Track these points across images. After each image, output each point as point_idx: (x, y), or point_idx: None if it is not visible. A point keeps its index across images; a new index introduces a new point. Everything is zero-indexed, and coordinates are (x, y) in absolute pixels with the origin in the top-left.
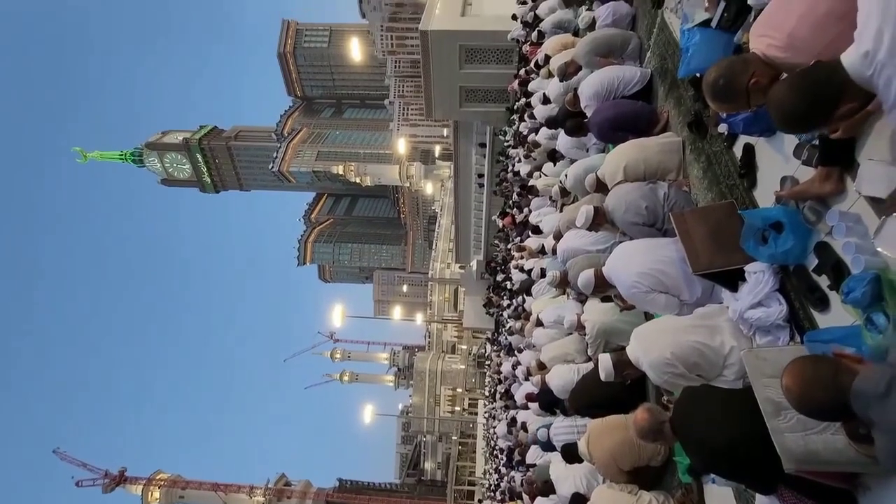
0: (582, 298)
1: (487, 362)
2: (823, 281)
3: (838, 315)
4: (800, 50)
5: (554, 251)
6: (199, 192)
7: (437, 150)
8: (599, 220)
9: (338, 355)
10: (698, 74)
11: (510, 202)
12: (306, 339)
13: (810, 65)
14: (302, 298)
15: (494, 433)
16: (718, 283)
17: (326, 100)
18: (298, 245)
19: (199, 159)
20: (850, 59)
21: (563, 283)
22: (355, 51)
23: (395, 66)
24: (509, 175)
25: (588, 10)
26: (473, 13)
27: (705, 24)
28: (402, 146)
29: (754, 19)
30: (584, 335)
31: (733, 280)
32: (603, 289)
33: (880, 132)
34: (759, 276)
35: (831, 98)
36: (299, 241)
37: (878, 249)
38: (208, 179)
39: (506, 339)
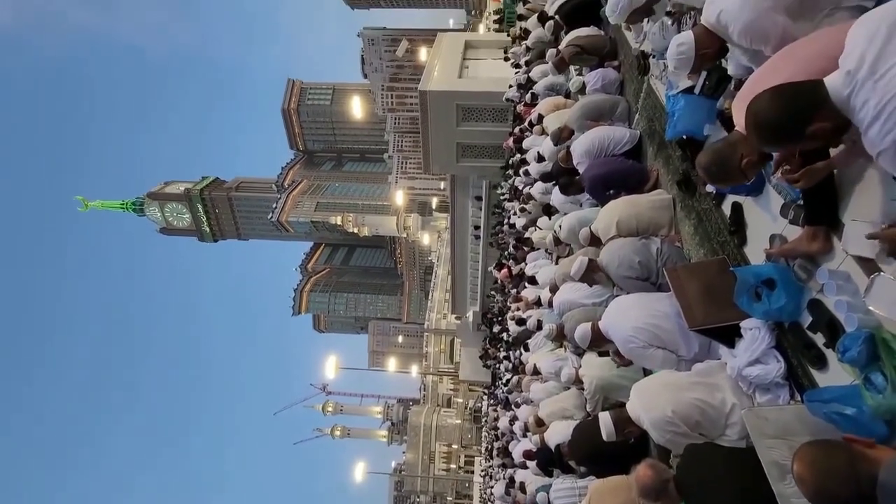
0: (579, 352)
1: (484, 417)
2: (819, 338)
3: (836, 373)
4: None
5: (550, 304)
6: (198, 240)
7: (435, 202)
8: (593, 270)
9: (330, 408)
10: (685, 136)
11: (506, 254)
12: (298, 390)
13: (783, 83)
14: (295, 349)
15: (491, 493)
16: (715, 339)
17: (327, 153)
18: (294, 294)
19: (200, 209)
20: (831, 78)
21: (560, 337)
22: (356, 108)
23: (395, 123)
24: (505, 227)
25: (579, 74)
26: (470, 75)
27: (689, 90)
28: (399, 198)
29: (734, 87)
30: (583, 389)
31: (730, 336)
32: (600, 343)
33: (860, 192)
34: (754, 333)
35: (807, 111)
36: (295, 290)
37: (870, 308)
38: (207, 229)
39: (503, 392)
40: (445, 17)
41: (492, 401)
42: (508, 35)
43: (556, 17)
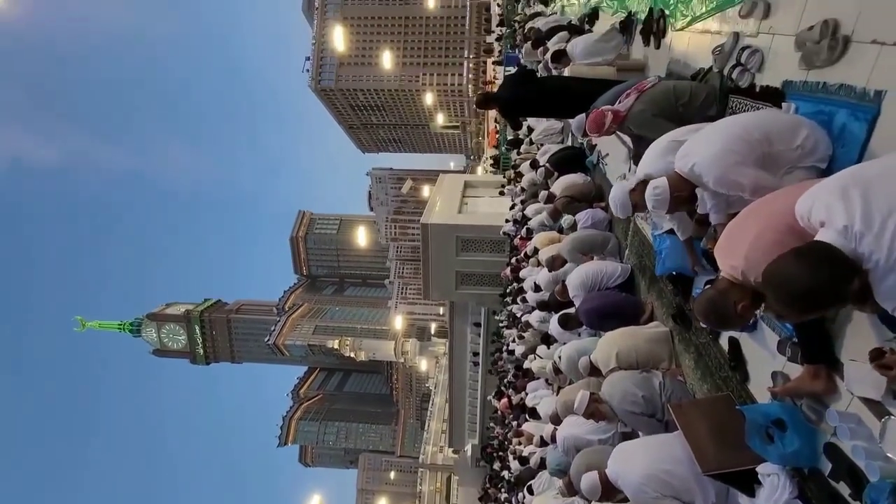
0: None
1: None
2: (843, 488)
3: None
4: (758, 270)
5: (553, 438)
6: (189, 363)
7: (433, 327)
8: (597, 402)
9: None
10: (674, 272)
11: (506, 382)
12: None
13: (811, 242)
14: (278, 485)
15: None
16: (732, 485)
17: (330, 278)
18: (283, 423)
19: (197, 331)
20: (829, 236)
21: (571, 491)
22: (361, 237)
23: (397, 251)
24: (504, 354)
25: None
26: (469, 210)
27: (672, 231)
28: (399, 322)
29: (714, 230)
30: None
31: (748, 482)
32: (610, 494)
33: (855, 331)
34: (773, 480)
35: (848, 268)
36: (284, 417)
37: (889, 455)
38: (201, 351)
39: None
40: (447, 160)
41: None
42: (504, 176)
43: (547, 164)
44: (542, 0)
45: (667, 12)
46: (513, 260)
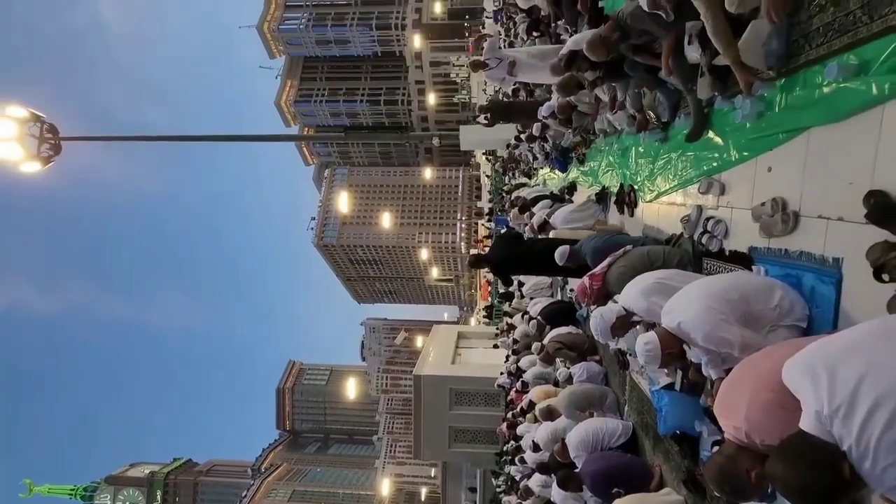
0: None
1: None
2: None
3: None
4: (761, 430)
5: None
6: None
7: (424, 492)
8: None
9: None
10: (678, 432)
11: None
12: None
13: (789, 437)
14: None
15: None
16: None
17: (314, 434)
18: None
19: (158, 496)
20: (806, 423)
21: None
22: (351, 389)
23: (388, 404)
24: None
25: (565, 366)
26: (463, 362)
27: (670, 386)
28: (385, 487)
29: (712, 386)
30: None
31: None
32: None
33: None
34: None
35: (830, 456)
36: None
37: None
38: None
39: None
40: (441, 311)
41: None
42: (497, 328)
43: (539, 318)
44: (526, 174)
45: (635, 187)
46: (509, 414)
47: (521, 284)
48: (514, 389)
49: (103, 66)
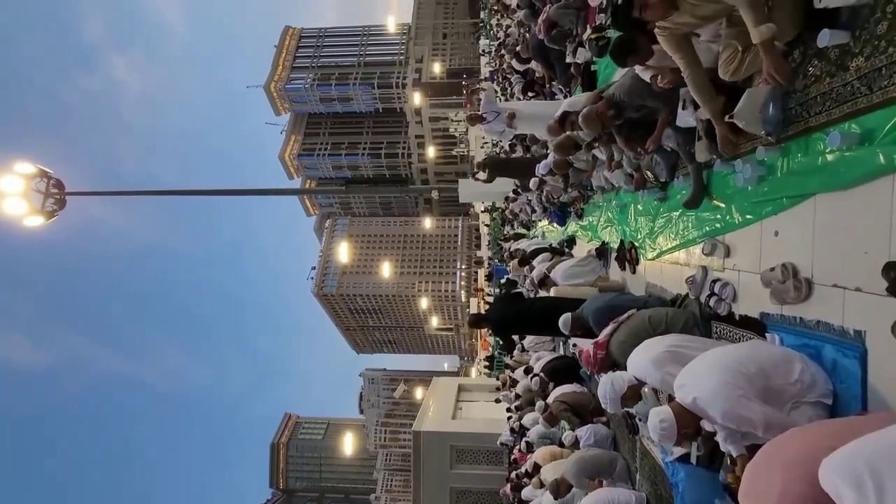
0: None
1: None
2: None
3: None
4: None
5: None
6: None
7: None
8: None
9: None
10: None
11: None
12: None
13: None
14: None
15: None
16: None
17: (308, 493)
18: None
19: None
20: None
21: None
22: (348, 444)
23: (386, 459)
24: None
25: (570, 429)
26: (464, 416)
27: (684, 457)
28: None
29: (731, 461)
30: None
31: None
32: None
33: None
34: None
35: None
36: None
37: None
38: None
39: None
40: (441, 361)
41: None
42: (498, 379)
43: (541, 374)
44: (525, 226)
45: (636, 244)
46: (512, 475)
47: (522, 337)
48: (518, 449)
49: (115, 125)
